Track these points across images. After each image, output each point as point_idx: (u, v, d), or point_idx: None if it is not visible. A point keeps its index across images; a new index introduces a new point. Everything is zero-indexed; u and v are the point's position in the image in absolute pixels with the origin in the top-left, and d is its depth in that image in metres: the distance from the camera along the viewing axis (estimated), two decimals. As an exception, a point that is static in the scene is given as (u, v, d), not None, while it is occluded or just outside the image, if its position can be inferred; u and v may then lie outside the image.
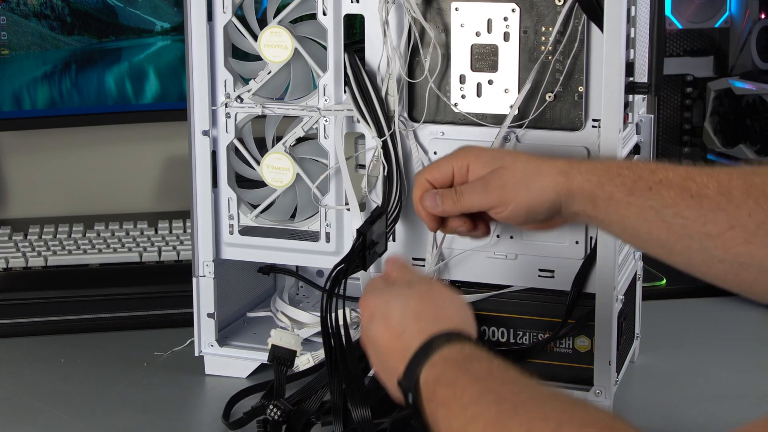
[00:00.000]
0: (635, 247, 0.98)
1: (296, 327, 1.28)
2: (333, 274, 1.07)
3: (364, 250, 1.10)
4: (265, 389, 1.18)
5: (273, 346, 1.19)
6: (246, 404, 1.16)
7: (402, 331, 0.88)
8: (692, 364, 1.28)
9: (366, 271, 1.13)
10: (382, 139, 1.16)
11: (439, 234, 1.17)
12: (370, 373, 1.14)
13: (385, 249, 1.15)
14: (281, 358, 1.19)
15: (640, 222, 0.95)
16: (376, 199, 1.19)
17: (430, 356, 0.84)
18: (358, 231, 1.10)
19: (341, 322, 1.06)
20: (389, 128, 1.16)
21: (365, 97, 1.16)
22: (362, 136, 1.20)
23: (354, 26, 1.24)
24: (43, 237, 1.61)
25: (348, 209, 1.20)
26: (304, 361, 1.20)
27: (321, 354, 1.16)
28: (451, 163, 1.04)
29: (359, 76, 1.16)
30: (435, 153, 1.17)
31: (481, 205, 1.02)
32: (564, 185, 0.98)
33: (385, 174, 1.16)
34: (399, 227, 1.19)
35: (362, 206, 1.20)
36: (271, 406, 1.09)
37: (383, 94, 1.17)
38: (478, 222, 1.06)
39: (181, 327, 1.34)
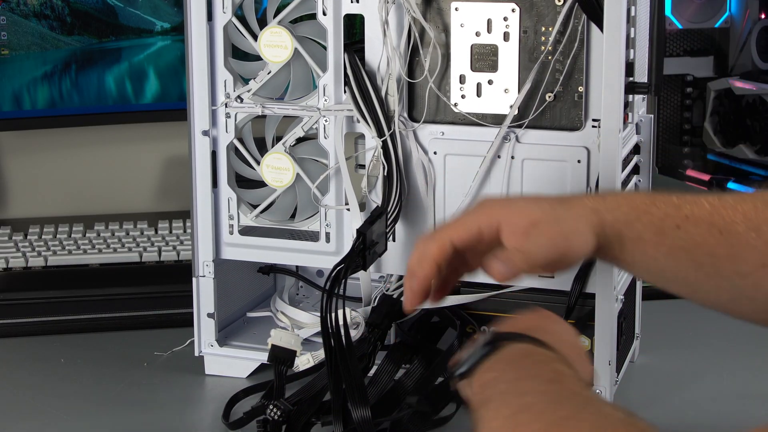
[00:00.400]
0: (656, 286, 0.95)
1: (296, 327, 1.28)
2: (333, 273, 1.07)
3: (365, 250, 1.10)
4: (265, 389, 1.18)
5: (273, 346, 1.19)
6: (246, 404, 1.16)
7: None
8: (692, 364, 1.28)
9: (366, 271, 1.13)
10: (382, 139, 1.16)
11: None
12: (370, 373, 1.15)
13: (385, 249, 1.15)
14: (281, 358, 1.19)
15: (669, 263, 0.91)
16: (376, 199, 1.19)
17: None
18: (358, 231, 1.10)
19: (341, 322, 1.06)
20: (389, 128, 1.16)
21: (365, 97, 1.16)
22: (362, 136, 1.20)
23: (354, 26, 1.24)
24: (43, 237, 1.61)
25: (348, 209, 1.20)
26: (304, 361, 1.20)
27: (321, 354, 1.16)
28: (478, 223, 0.93)
29: (359, 76, 1.16)
30: (435, 153, 1.17)
31: (547, 259, 0.92)
32: (599, 225, 0.93)
33: (385, 174, 1.16)
34: (399, 227, 1.19)
35: (362, 206, 1.20)
36: (271, 406, 1.09)
37: (383, 94, 1.17)
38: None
39: (181, 327, 1.34)
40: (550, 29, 1.11)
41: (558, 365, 0.79)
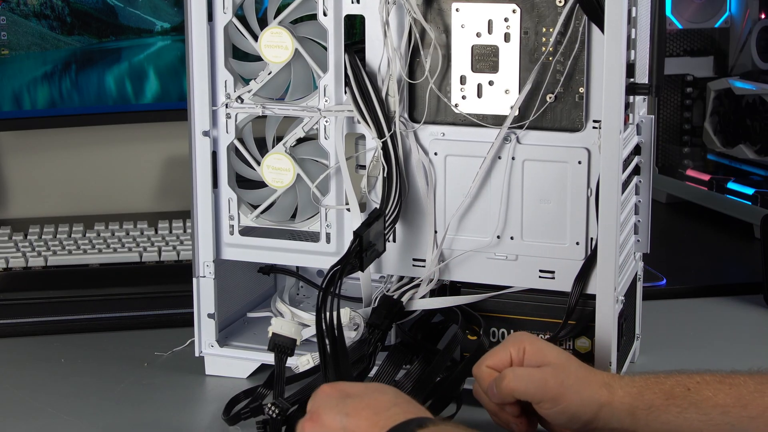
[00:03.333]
0: None
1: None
2: (329, 274, 1.07)
3: (361, 252, 1.10)
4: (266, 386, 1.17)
5: (274, 334, 1.18)
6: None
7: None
8: (692, 364, 1.28)
9: (363, 271, 1.13)
10: (382, 140, 1.16)
11: (440, 234, 1.18)
12: (371, 374, 1.15)
13: (384, 250, 1.15)
14: (282, 346, 1.17)
15: (681, 422, 0.97)
16: (376, 199, 1.19)
17: None
18: (355, 233, 1.10)
19: (335, 323, 1.06)
20: (389, 129, 1.16)
21: (365, 97, 1.16)
22: (362, 137, 1.20)
23: (354, 27, 1.24)
24: (43, 237, 1.61)
25: (348, 209, 1.20)
26: (304, 362, 1.19)
27: (322, 354, 1.16)
28: (509, 348, 1.04)
29: (359, 77, 1.16)
30: (435, 154, 1.17)
31: (534, 396, 1.00)
32: (606, 398, 0.99)
33: (385, 175, 1.16)
34: (399, 228, 1.19)
35: (362, 206, 1.20)
36: (269, 404, 1.08)
37: (383, 94, 1.16)
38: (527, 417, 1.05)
39: (181, 327, 1.34)
40: (551, 30, 1.11)
41: None
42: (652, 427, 0.98)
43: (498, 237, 1.16)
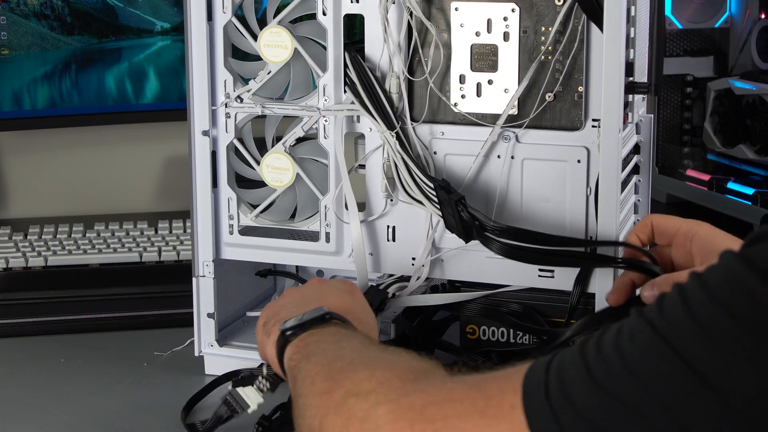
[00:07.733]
0: None
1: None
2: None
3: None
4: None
5: (233, 389, 1.08)
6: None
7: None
8: (692, 364, 1.28)
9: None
10: (394, 131, 1.15)
11: (438, 232, 1.17)
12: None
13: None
14: (230, 403, 1.08)
15: None
16: (402, 197, 1.19)
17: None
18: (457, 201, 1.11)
19: None
20: (398, 122, 1.15)
21: (370, 92, 1.16)
22: (362, 136, 1.20)
23: (354, 26, 1.24)
24: (43, 237, 1.61)
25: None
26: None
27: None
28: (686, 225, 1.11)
29: (363, 73, 1.16)
30: (435, 153, 1.17)
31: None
32: None
33: (409, 162, 1.14)
34: (398, 227, 1.19)
35: (362, 206, 1.20)
36: (260, 378, 1.03)
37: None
38: None
39: (181, 327, 1.34)
40: (550, 29, 1.11)
41: (367, 339, 0.94)
42: None
43: (497, 236, 1.16)
